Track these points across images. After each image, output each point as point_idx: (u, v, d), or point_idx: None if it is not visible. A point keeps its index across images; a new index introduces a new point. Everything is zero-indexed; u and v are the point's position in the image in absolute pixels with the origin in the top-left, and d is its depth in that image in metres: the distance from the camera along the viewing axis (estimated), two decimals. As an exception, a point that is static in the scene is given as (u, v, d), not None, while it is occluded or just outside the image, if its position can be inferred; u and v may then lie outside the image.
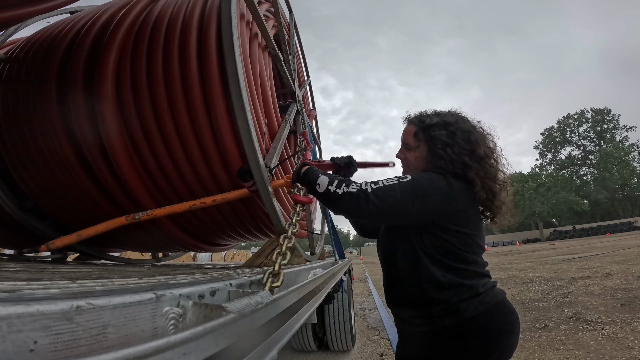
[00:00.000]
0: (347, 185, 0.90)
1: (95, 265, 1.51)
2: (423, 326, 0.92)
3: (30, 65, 1.74)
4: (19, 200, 1.92)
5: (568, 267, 7.55)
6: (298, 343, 2.85)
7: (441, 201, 0.87)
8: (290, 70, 2.32)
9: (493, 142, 1.00)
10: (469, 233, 0.91)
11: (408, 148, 1.03)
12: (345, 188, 0.89)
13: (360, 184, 0.89)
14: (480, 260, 0.95)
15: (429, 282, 0.89)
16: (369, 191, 0.86)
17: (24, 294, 0.29)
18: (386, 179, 0.90)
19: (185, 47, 1.48)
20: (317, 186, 0.96)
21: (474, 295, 0.88)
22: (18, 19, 0.96)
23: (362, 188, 0.87)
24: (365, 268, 15.86)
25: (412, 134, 1.01)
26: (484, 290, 0.90)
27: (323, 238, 3.11)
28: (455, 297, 0.87)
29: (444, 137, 0.95)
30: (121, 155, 1.51)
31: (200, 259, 11.97)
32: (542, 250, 16.26)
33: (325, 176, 0.97)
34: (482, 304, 0.87)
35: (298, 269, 1.02)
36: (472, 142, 0.94)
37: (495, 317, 0.88)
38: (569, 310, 3.70)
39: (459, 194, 0.89)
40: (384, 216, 0.90)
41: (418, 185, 0.87)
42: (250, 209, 1.82)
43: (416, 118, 1.04)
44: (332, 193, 0.91)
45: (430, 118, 1.00)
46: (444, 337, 0.88)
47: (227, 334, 0.33)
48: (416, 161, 1.01)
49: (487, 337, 0.86)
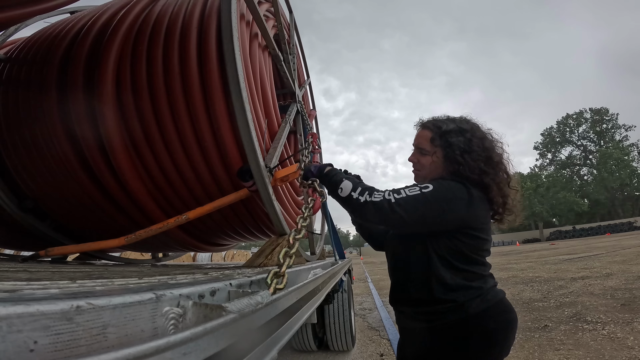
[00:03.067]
0: (370, 194, 0.90)
1: (95, 265, 1.52)
2: (427, 322, 0.95)
3: (30, 65, 1.74)
4: (19, 200, 1.92)
5: (568, 267, 7.55)
6: (298, 343, 2.85)
7: (464, 210, 0.90)
8: (290, 70, 2.32)
9: (502, 148, 1.03)
10: (483, 238, 0.94)
11: (423, 153, 1.04)
12: (368, 196, 0.89)
13: (383, 193, 0.89)
14: (487, 262, 0.99)
15: (438, 284, 0.92)
16: (393, 201, 0.86)
17: (24, 294, 0.29)
18: (408, 188, 0.90)
19: (185, 47, 1.48)
20: (339, 190, 0.96)
21: (478, 294, 0.92)
22: (18, 19, 0.95)
23: (386, 198, 0.87)
24: (365, 268, 15.86)
25: (429, 139, 1.02)
26: (487, 289, 0.94)
27: (323, 238, 3.11)
28: (462, 297, 0.91)
29: (462, 144, 0.97)
30: (121, 155, 1.51)
31: (200, 259, 11.97)
32: (542, 250, 16.26)
33: (349, 181, 0.96)
34: (485, 301, 0.91)
35: (298, 269, 1.02)
36: (487, 149, 0.98)
37: (497, 314, 0.92)
38: (569, 310, 3.70)
39: (478, 201, 0.92)
40: (408, 226, 0.91)
41: (442, 196, 0.88)
42: (250, 209, 1.82)
43: (431, 123, 1.05)
44: (355, 200, 0.91)
45: (447, 124, 1.01)
46: (447, 333, 0.91)
47: (227, 334, 0.33)
48: (431, 166, 1.02)
49: (488, 334, 0.89)
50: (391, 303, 1.10)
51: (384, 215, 0.87)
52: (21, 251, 2.42)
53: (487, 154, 0.96)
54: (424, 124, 1.07)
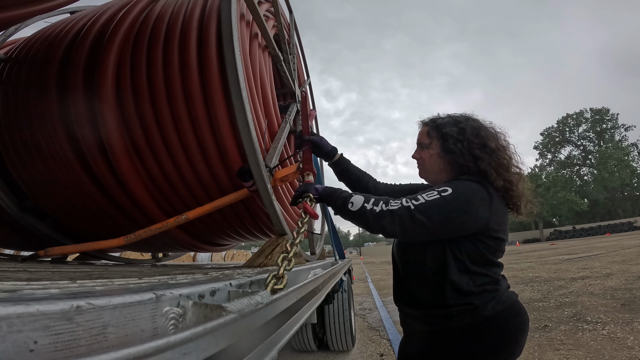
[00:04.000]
0: (386, 203, 0.86)
1: (95, 265, 1.52)
2: (438, 325, 0.92)
3: (30, 65, 1.74)
4: (19, 200, 1.92)
5: (568, 267, 7.55)
6: (298, 343, 2.85)
7: (486, 211, 0.88)
8: (290, 70, 2.32)
9: (506, 140, 1.03)
10: (502, 238, 0.94)
11: (422, 147, 1.06)
12: (384, 206, 0.85)
13: (401, 201, 0.85)
14: (501, 263, 0.98)
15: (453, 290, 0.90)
16: (412, 208, 0.83)
17: (24, 294, 0.29)
18: (425, 193, 0.87)
19: (185, 47, 1.48)
20: (349, 204, 0.91)
21: (492, 297, 0.90)
22: (18, 19, 0.95)
23: (404, 205, 0.84)
24: (365, 268, 15.86)
25: (426, 132, 1.07)
26: (502, 291, 0.93)
27: (323, 238, 3.10)
28: (477, 300, 0.89)
29: (455, 134, 0.99)
30: (121, 155, 1.51)
31: (200, 259, 11.97)
32: (542, 250, 16.26)
33: (359, 194, 0.92)
34: (500, 303, 0.90)
35: (298, 269, 1.02)
36: (482, 137, 0.98)
37: (511, 316, 0.91)
38: (569, 310, 3.70)
39: (497, 202, 0.91)
40: (429, 233, 0.87)
41: (463, 199, 0.86)
42: (250, 209, 1.82)
43: (429, 119, 1.11)
44: (369, 211, 0.86)
45: (442, 118, 1.07)
46: (458, 335, 0.89)
47: (227, 334, 0.33)
48: (431, 159, 1.04)
49: (503, 336, 0.88)
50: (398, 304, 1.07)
51: (404, 223, 0.83)
52: (21, 251, 2.42)
53: (482, 141, 0.97)
54: (423, 122, 1.12)
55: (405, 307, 1.03)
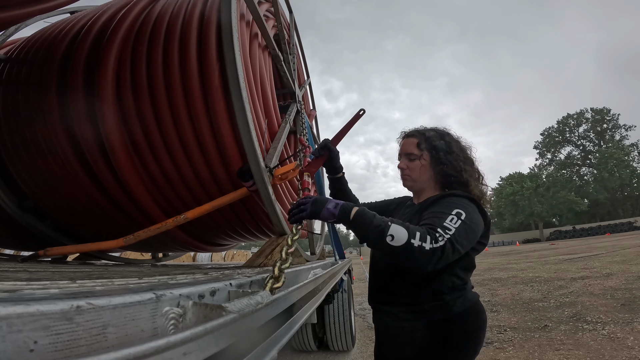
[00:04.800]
0: (433, 238, 0.79)
1: (95, 265, 1.52)
2: (411, 320, 0.99)
3: (30, 65, 1.74)
4: (19, 200, 1.92)
5: (568, 267, 7.55)
6: (298, 343, 2.85)
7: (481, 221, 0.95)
8: (290, 70, 2.32)
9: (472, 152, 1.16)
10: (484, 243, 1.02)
11: (412, 158, 1.11)
12: (433, 242, 0.78)
13: (442, 234, 0.81)
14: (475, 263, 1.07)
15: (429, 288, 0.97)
16: (454, 241, 0.81)
17: (24, 294, 0.29)
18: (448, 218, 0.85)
19: (185, 47, 1.48)
20: (388, 237, 0.78)
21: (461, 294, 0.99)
22: (18, 19, 0.96)
23: (447, 238, 0.80)
24: (365, 268, 15.86)
25: (416, 144, 1.11)
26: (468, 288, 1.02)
27: (323, 238, 3.10)
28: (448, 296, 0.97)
29: (443, 146, 1.08)
30: (121, 155, 1.51)
31: (200, 259, 11.97)
32: (542, 250, 16.26)
33: (398, 225, 0.80)
34: (467, 300, 0.98)
35: (298, 269, 1.03)
36: (463, 150, 1.11)
37: (475, 313, 0.99)
38: (569, 310, 3.70)
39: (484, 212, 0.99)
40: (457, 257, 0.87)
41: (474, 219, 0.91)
42: (250, 209, 1.82)
43: (415, 131, 1.16)
44: (417, 248, 0.77)
45: (428, 131, 1.14)
46: (431, 330, 0.95)
47: (227, 334, 0.33)
48: (421, 169, 1.10)
49: (468, 332, 0.96)
50: (371, 303, 1.13)
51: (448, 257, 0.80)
52: (21, 251, 2.42)
53: (464, 155, 1.10)
54: (407, 134, 1.17)
55: (382, 305, 1.09)
